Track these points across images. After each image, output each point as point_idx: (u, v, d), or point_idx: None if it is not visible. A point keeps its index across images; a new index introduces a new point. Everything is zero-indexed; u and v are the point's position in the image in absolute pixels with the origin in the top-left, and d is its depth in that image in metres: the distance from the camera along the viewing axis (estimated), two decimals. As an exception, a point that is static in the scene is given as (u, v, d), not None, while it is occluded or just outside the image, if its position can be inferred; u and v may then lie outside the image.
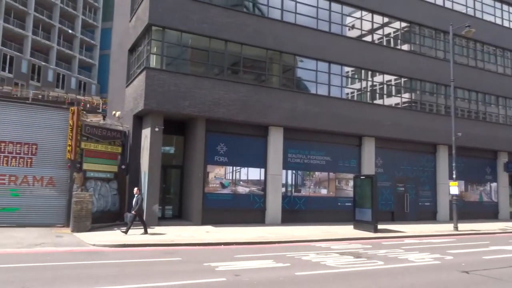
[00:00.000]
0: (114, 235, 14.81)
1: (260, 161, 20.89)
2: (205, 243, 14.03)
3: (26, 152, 16.50)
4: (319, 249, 13.85)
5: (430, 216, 25.93)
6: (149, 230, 15.80)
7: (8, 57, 48.64)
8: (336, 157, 23.07)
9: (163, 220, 19.00)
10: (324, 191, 22.67)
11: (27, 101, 17.65)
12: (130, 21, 22.40)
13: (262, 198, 20.72)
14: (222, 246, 13.85)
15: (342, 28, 23.62)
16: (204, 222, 18.71)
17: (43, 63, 53.82)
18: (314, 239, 15.78)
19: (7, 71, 48.27)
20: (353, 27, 24.36)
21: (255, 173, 20.83)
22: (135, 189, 16.15)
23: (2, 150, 16.14)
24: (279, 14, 21.48)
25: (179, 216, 20.26)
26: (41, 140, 16.76)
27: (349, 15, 24.14)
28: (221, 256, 11.74)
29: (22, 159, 16.42)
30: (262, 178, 20.90)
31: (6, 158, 16.16)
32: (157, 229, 16.84)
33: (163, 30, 18.62)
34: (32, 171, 16.52)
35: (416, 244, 15.88)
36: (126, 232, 14.99)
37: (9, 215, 15.97)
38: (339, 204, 22.86)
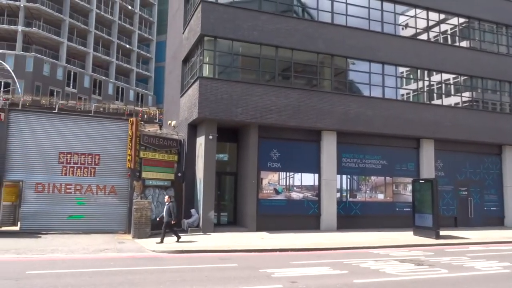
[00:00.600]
0: (173, 242, 15.20)
1: (314, 166, 20.67)
2: (260, 249, 14.05)
3: (90, 162, 17.42)
4: (377, 256, 13.43)
5: (496, 221, 24.36)
6: (204, 237, 16.06)
7: (72, 73, 51.85)
8: (392, 161, 22.34)
9: (219, 226, 19.26)
10: (380, 196, 22.01)
11: (90, 114, 18.64)
12: (183, 33, 23.09)
13: (316, 203, 20.47)
14: (278, 253, 13.81)
15: (395, 27, 22.92)
16: (258, 228, 18.75)
17: (104, 78, 56.80)
18: (372, 246, 15.33)
19: (71, 86, 51.43)
20: (407, 26, 23.59)
21: (309, 179, 20.64)
22: (166, 197, 16.27)
23: (68, 161, 17.15)
24: (329, 17, 21.25)
25: (234, 223, 20.45)
26: (103, 151, 17.63)
27: (402, 14, 23.40)
28: (277, 263, 11.70)
29: (86, 169, 17.35)
30: (316, 183, 20.65)
31: (72, 169, 17.16)
32: (213, 235, 17.10)
33: (215, 39, 19.00)
34: (96, 180, 17.41)
35: (482, 251, 14.98)
36: (178, 239, 15.29)
37: (75, 222, 16.91)
38: (397, 209, 22.08)
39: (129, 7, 61.91)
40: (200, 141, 19.57)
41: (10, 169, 16.51)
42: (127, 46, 61.31)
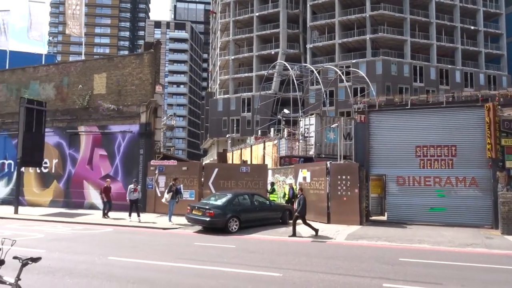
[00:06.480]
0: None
1: None
2: None
3: (446, 154, 17.15)
4: None
5: None
6: None
7: (417, 68, 52.81)
8: None
9: None
10: None
11: (442, 105, 18.43)
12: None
13: None
14: None
15: None
16: None
17: (449, 66, 54.83)
18: None
19: (418, 81, 52.36)
20: None
21: None
22: (297, 189, 15.40)
23: (425, 154, 17.46)
24: None
25: None
26: (459, 141, 17.02)
27: None
28: None
29: (443, 161, 17.18)
30: None
31: (429, 161, 17.38)
32: None
33: None
34: (454, 172, 16.97)
35: None
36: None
37: (437, 215, 16.99)
38: None
39: (470, -15, 57.42)
40: None
41: (374, 164, 18.29)
42: (472, 27, 56.89)
